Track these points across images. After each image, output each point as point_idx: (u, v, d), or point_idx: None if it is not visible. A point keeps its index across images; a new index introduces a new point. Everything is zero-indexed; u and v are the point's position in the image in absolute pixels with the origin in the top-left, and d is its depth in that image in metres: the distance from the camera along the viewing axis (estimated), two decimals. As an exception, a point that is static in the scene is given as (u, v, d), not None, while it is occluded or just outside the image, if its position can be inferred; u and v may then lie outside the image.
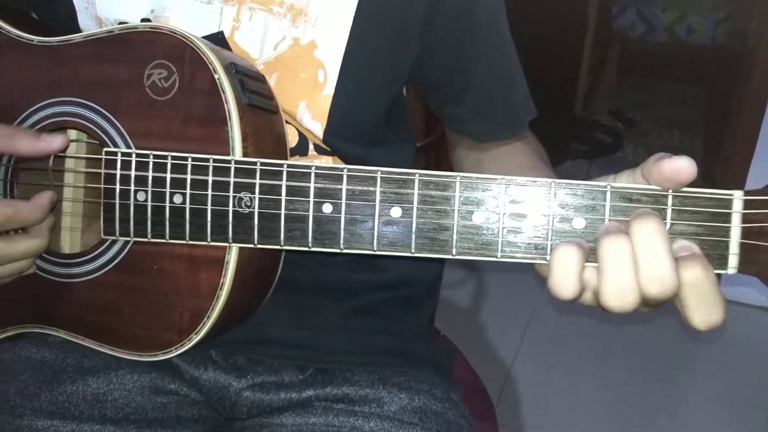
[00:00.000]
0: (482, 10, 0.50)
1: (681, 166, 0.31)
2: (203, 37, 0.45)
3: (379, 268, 0.54)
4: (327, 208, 0.36)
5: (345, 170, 0.36)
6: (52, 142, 0.41)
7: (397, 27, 0.48)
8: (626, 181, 0.35)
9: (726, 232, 0.32)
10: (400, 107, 0.55)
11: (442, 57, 0.51)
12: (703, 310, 0.31)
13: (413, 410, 0.49)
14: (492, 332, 1.42)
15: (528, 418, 1.22)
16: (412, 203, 0.35)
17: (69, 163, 0.47)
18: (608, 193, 0.33)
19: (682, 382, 1.32)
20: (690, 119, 2.54)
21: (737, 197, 0.32)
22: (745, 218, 0.32)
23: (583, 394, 1.27)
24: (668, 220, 0.32)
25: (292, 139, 0.49)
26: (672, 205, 0.32)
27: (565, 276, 0.32)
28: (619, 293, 0.31)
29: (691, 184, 0.33)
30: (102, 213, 0.42)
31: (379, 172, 0.35)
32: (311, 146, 0.50)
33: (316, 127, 0.47)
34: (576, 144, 2.18)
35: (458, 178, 0.34)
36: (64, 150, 0.42)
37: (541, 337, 1.41)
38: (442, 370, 0.56)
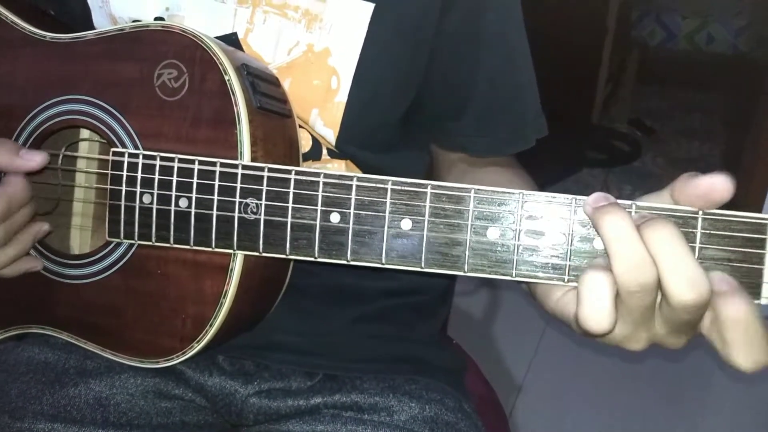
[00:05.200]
0: (492, 19, 0.48)
1: (717, 183, 0.29)
2: (217, 38, 0.44)
3: (389, 275, 0.53)
4: (335, 218, 0.35)
5: (354, 179, 0.35)
6: (30, 159, 0.40)
7: (412, 35, 0.47)
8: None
9: (760, 259, 0.30)
10: (416, 114, 0.54)
11: (445, 65, 0.49)
12: (753, 352, 0.28)
13: (424, 420, 0.48)
14: (505, 343, 1.40)
15: (542, 431, 1.20)
16: (424, 216, 0.33)
17: (80, 164, 0.47)
18: (632, 214, 0.31)
19: (702, 397, 1.29)
20: (710, 128, 2.50)
21: (773, 221, 0.30)
22: (782, 244, 0.30)
23: (598, 407, 1.24)
24: (697, 244, 0.31)
25: (306, 144, 0.48)
26: (702, 228, 0.31)
27: (599, 305, 0.29)
28: (633, 267, 0.29)
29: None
30: (107, 214, 0.41)
31: (390, 183, 0.34)
32: (324, 151, 0.49)
33: (329, 134, 0.46)
34: (593, 152, 2.15)
35: (472, 191, 0.33)
36: (46, 164, 0.42)
37: (556, 348, 1.39)
38: (455, 379, 0.54)
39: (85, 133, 0.47)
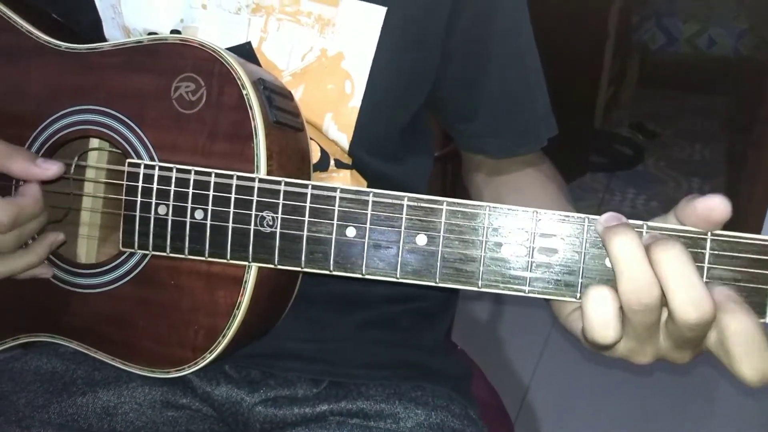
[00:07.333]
0: (500, 21, 0.49)
1: (714, 204, 0.30)
2: (231, 48, 0.44)
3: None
4: (350, 232, 0.36)
5: (371, 195, 0.35)
6: (47, 169, 0.40)
7: (423, 38, 0.47)
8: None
9: (766, 279, 0.31)
10: (422, 118, 0.54)
11: (457, 67, 0.50)
12: (759, 365, 0.29)
13: (430, 427, 0.48)
14: (510, 348, 1.40)
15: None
16: (439, 232, 0.34)
17: (90, 173, 0.47)
18: (644, 234, 0.32)
19: (706, 401, 1.29)
20: (712, 132, 2.50)
21: (780, 242, 0.31)
22: (788, 265, 0.31)
23: (604, 412, 1.25)
24: (706, 264, 0.31)
25: (314, 155, 0.49)
26: (710, 249, 0.31)
27: (602, 318, 0.30)
28: (637, 287, 0.30)
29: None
30: (122, 225, 0.41)
31: (406, 198, 0.35)
32: (332, 162, 0.49)
33: (342, 139, 0.47)
34: (596, 156, 2.16)
35: (487, 208, 0.33)
36: (62, 174, 0.42)
37: (561, 354, 1.39)
38: (460, 386, 0.55)
39: (94, 142, 0.47)
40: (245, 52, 0.45)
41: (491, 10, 0.48)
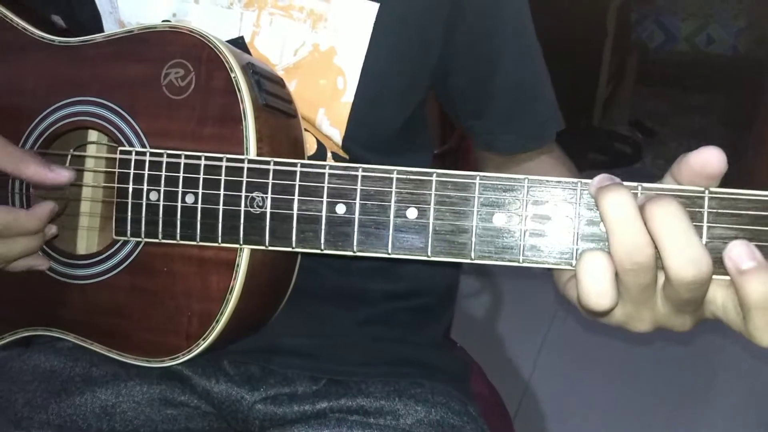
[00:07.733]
0: (507, 17, 0.49)
1: (709, 156, 0.30)
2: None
3: (393, 277, 0.53)
4: (340, 209, 0.35)
5: (360, 170, 0.35)
6: (61, 174, 0.41)
7: (418, 34, 0.47)
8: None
9: (768, 236, 0.30)
10: (420, 115, 0.54)
11: (464, 65, 0.50)
12: None
13: (430, 423, 0.47)
14: (509, 343, 1.40)
15: (548, 430, 1.19)
16: (429, 204, 0.34)
17: (88, 163, 0.47)
18: (639, 195, 0.31)
19: (706, 396, 1.28)
20: (711, 129, 2.50)
21: (780, 198, 0.30)
22: (789, 221, 0.30)
23: (604, 406, 1.23)
24: (705, 223, 0.30)
25: (311, 147, 0.49)
26: (709, 207, 0.30)
27: (597, 285, 0.29)
28: (629, 246, 0.29)
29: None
30: (114, 213, 0.41)
31: (395, 172, 0.34)
32: (329, 155, 0.49)
33: (335, 134, 0.47)
34: (595, 154, 2.16)
35: (477, 178, 0.33)
36: (73, 180, 0.42)
37: (560, 347, 1.39)
38: (460, 383, 0.54)
39: (93, 135, 0.47)
40: (238, 46, 0.45)
41: (495, 8, 0.48)
